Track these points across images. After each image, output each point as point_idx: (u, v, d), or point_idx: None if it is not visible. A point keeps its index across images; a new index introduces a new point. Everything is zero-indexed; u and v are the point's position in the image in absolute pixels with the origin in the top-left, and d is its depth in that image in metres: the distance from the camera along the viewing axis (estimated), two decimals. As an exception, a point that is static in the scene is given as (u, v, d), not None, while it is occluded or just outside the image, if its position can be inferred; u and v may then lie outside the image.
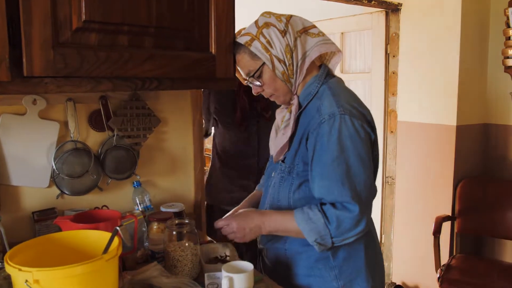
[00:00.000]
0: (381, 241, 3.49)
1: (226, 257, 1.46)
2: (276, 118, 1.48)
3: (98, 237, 1.14)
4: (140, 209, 1.66)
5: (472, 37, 2.99)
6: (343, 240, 1.27)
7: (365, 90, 3.54)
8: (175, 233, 1.39)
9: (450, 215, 3.02)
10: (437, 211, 3.05)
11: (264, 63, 1.32)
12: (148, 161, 1.77)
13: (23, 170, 1.51)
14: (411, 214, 3.32)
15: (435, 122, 3.10)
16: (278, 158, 1.43)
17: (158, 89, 1.32)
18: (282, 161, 1.41)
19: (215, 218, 2.03)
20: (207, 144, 3.51)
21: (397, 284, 3.39)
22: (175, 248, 1.36)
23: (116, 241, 1.07)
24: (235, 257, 1.44)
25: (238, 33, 1.42)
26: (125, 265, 1.40)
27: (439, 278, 2.74)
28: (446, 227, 3.00)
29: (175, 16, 1.26)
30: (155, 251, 1.49)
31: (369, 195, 1.29)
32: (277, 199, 1.41)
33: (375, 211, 1.27)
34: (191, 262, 1.36)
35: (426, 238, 3.06)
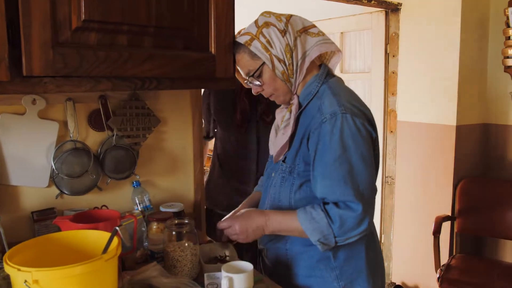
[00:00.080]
0: (380, 241, 3.49)
1: (226, 257, 1.46)
2: (276, 118, 1.48)
3: (97, 237, 1.14)
4: (140, 209, 1.66)
5: (472, 37, 2.99)
6: (347, 239, 1.27)
7: (364, 90, 3.54)
8: (174, 233, 1.39)
9: (450, 215, 3.02)
10: (437, 211, 3.05)
11: (264, 62, 1.32)
12: (148, 161, 1.77)
13: (22, 170, 1.51)
14: (410, 214, 3.32)
15: (435, 122, 3.09)
16: (278, 158, 1.42)
17: (158, 88, 1.32)
18: (283, 161, 1.40)
19: (212, 221, 2.03)
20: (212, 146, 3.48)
21: (396, 284, 3.39)
22: (174, 248, 1.36)
23: (116, 241, 1.07)
24: (234, 257, 1.44)
25: (238, 34, 1.42)
26: (124, 265, 1.40)
27: (439, 278, 2.74)
28: (446, 227, 3.00)
29: (175, 16, 1.26)
30: (154, 251, 1.48)
31: (371, 193, 1.29)
32: (278, 199, 1.41)
33: (375, 211, 1.27)
34: (190, 262, 1.36)
35: (426, 238, 3.06)
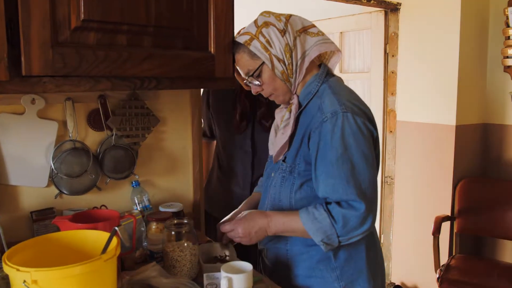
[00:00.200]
0: (380, 241, 3.49)
1: (225, 257, 1.46)
2: (276, 118, 1.48)
3: (96, 237, 1.14)
4: (139, 209, 1.66)
5: (472, 36, 2.99)
6: (350, 238, 1.26)
7: (364, 90, 3.54)
8: (173, 233, 1.39)
9: (450, 215, 3.02)
10: (436, 211, 3.05)
11: (263, 62, 1.32)
12: (147, 160, 1.77)
13: (21, 169, 1.50)
14: (410, 214, 3.32)
15: (434, 121, 3.09)
16: (278, 158, 1.42)
17: (157, 88, 1.32)
18: (283, 160, 1.40)
19: (208, 224, 2.02)
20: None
21: (396, 284, 3.39)
22: (173, 248, 1.36)
23: (115, 241, 1.07)
24: (234, 257, 1.44)
25: (238, 34, 1.42)
26: (123, 265, 1.40)
27: (438, 278, 2.74)
28: (445, 227, 3.00)
29: (174, 15, 1.26)
30: (153, 251, 1.48)
31: (374, 192, 1.28)
32: (278, 199, 1.40)
33: (374, 211, 1.29)
34: (189, 262, 1.36)
35: (425, 238, 3.05)
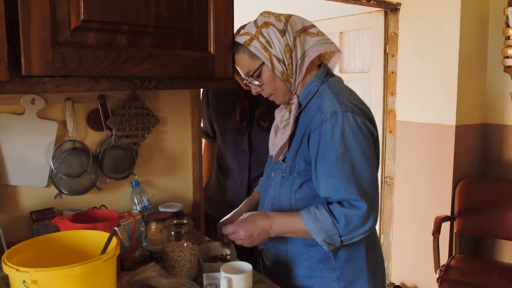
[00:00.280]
0: (380, 241, 3.49)
1: (226, 256, 1.46)
2: (275, 118, 1.48)
3: (96, 237, 1.14)
4: (139, 209, 1.66)
5: (472, 36, 2.99)
6: (352, 238, 1.26)
7: (364, 90, 3.54)
8: (173, 233, 1.39)
9: (450, 215, 3.02)
10: (436, 211, 3.05)
11: (263, 62, 1.31)
12: (147, 160, 1.77)
13: (21, 169, 1.50)
14: (410, 214, 3.32)
15: (434, 122, 3.09)
16: (278, 158, 1.42)
17: (157, 88, 1.32)
18: (283, 160, 1.40)
19: (208, 225, 2.02)
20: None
21: (396, 284, 3.39)
22: (173, 248, 1.35)
23: (114, 241, 1.07)
24: (235, 256, 1.44)
25: (237, 32, 1.42)
26: (123, 265, 1.40)
27: (438, 278, 2.74)
28: (445, 227, 3.00)
29: (174, 15, 1.26)
30: (153, 251, 1.48)
31: (375, 191, 1.28)
32: (278, 199, 1.40)
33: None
34: (189, 262, 1.36)
35: (425, 239, 3.05)
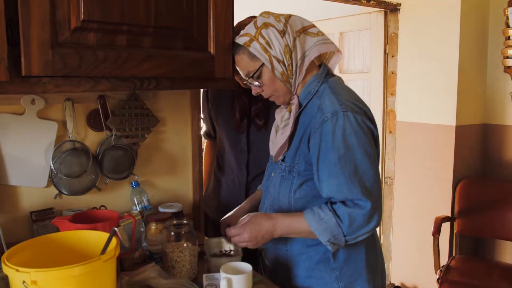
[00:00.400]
0: (380, 241, 3.49)
1: (230, 251, 1.46)
2: (276, 118, 1.48)
3: (96, 237, 1.14)
4: (138, 209, 1.66)
5: (472, 37, 2.99)
6: (357, 237, 1.26)
7: (364, 90, 3.54)
8: (173, 233, 1.39)
9: (450, 215, 3.02)
10: (436, 211, 3.04)
11: (263, 64, 1.31)
12: (147, 161, 1.77)
13: (21, 170, 1.50)
14: (410, 215, 3.31)
15: (434, 122, 3.09)
16: (278, 158, 1.42)
17: (157, 89, 1.32)
18: (282, 160, 1.40)
19: (206, 225, 2.02)
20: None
21: (396, 285, 3.39)
22: (173, 249, 1.35)
23: (114, 241, 1.07)
24: (239, 251, 1.44)
25: (237, 27, 1.41)
26: (123, 265, 1.40)
27: (438, 279, 2.73)
28: (445, 227, 3.00)
29: (174, 16, 1.26)
30: (153, 251, 1.48)
31: (378, 190, 1.28)
32: (278, 199, 1.40)
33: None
34: (189, 263, 1.36)
35: (425, 239, 3.05)
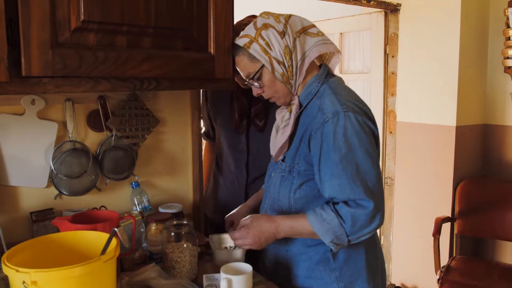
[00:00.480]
0: (380, 242, 3.49)
1: (235, 247, 1.46)
2: (276, 118, 1.48)
3: (96, 238, 1.14)
4: (139, 210, 1.66)
5: (472, 37, 2.99)
6: (359, 237, 1.26)
7: (364, 91, 3.54)
8: (173, 234, 1.39)
9: (450, 216, 3.02)
10: (436, 212, 3.04)
11: (263, 65, 1.31)
12: (147, 161, 1.77)
13: (21, 170, 1.50)
14: (410, 215, 3.31)
15: (434, 122, 3.09)
16: (278, 158, 1.42)
17: (157, 89, 1.32)
18: (282, 160, 1.40)
19: (207, 227, 2.02)
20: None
21: (396, 285, 3.39)
22: (173, 249, 1.35)
23: (114, 242, 1.07)
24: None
25: (236, 26, 1.41)
26: (123, 266, 1.40)
27: (438, 279, 2.73)
28: (445, 228, 2.99)
29: (174, 16, 1.26)
30: (153, 252, 1.48)
31: (380, 189, 1.28)
32: (278, 199, 1.40)
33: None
34: (189, 263, 1.36)
35: (425, 240, 3.05)
